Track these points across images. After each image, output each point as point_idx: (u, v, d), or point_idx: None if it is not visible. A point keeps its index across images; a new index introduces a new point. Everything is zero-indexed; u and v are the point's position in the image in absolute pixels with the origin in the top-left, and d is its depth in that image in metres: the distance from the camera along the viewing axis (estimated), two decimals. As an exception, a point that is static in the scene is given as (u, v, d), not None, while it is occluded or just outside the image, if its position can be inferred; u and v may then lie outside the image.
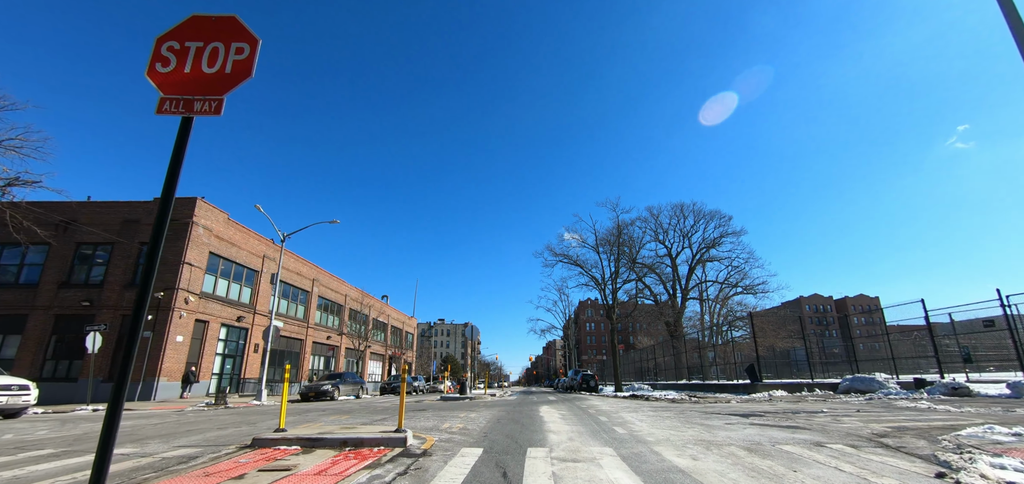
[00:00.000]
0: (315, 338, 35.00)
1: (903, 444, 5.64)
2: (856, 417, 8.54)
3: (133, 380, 20.38)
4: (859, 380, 19.35)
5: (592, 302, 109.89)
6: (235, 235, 26.18)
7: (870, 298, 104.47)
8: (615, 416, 9.71)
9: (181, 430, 8.36)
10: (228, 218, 25.56)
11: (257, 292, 27.89)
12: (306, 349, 33.35)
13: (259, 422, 9.80)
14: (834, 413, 9.51)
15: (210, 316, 23.91)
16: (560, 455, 5.07)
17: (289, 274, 31.71)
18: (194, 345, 22.98)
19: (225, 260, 25.37)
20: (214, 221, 24.38)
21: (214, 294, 24.47)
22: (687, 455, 4.93)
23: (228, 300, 25.58)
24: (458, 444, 5.97)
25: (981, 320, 17.75)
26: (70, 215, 23.01)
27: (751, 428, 7.17)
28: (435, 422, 8.75)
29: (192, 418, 11.40)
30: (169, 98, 2.88)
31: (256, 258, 27.95)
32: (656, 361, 38.69)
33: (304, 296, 33.90)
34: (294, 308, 32.61)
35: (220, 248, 24.80)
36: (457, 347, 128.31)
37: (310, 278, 34.52)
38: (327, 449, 5.63)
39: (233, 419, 10.69)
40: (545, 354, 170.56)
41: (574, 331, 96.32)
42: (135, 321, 2.46)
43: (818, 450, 5.23)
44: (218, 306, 24.60)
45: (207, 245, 23.76)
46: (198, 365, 23.01)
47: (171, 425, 9.33)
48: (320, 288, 35.94)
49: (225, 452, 5.53)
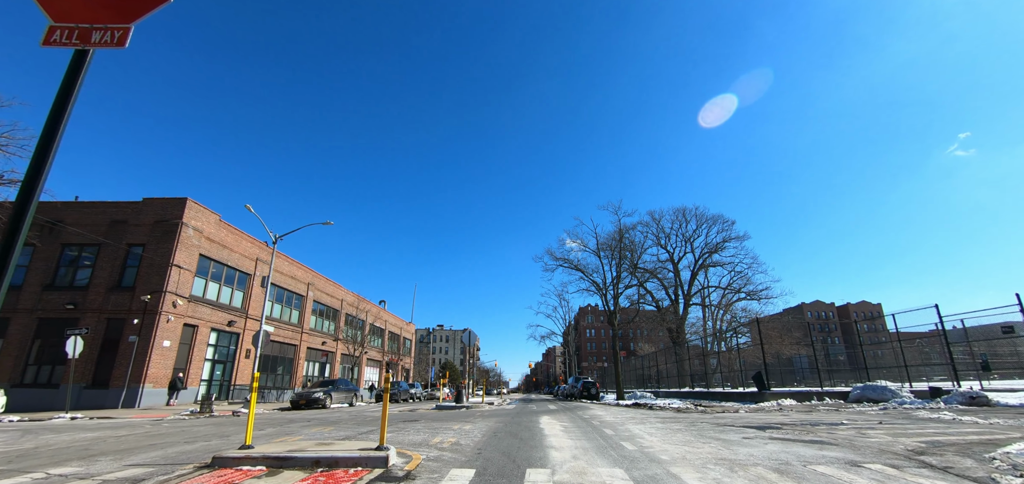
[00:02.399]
0: (310, 344, 34.21)
1: (949, 464, 4.95)
2: (881, 430, 7.84)
3: (116, 386, 19.63)
4: (871, 389, 18.65)
5: (592, 308, 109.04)
6: (227, 237, 25.51)
7: (872, 305, 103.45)
8: (621, 428, 9.00)
9: (145, 444, 7.65)
10: (220, 220, 24.91)
11: (249, 296, 27.16)
12: (300, 355, 32.55)
13: (235, 434, 9.08)
14: (855, 425, 8.82)
15: (200, 320, 23.18)
16: (564, 478, 4.38)
17: (283, 278, 31.01)
18: (182, 350, 22.23)
19: (216, 263, 24.67)
20: (205, 222, 23.72)
21: (204, 298, 23.75)
22: (710, 479, 4.24)
23: (219, 304, 24.85)
24: (448, 463, 5.27)
25: (999, 326, 17.08)
26: (56, 216, 22.36)
27: (773, 443, 6.47)
28: (426, 435, 8.03)
29: (166, 429, 10.67)
30: (60, 27, 2.23)
31: (249, 261, 27.26)
32: (658, 368, 37.89)
33: (298, 300, 33.17)
34: (288, 313, 31.86)
35: (211, 250, 24.13)
36: (456, 353, 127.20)
37: (305, 282, 33.80)
38: (296, 470, 4.93)
39: (209, 430, 9.96)
40: (545, 361, 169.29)
41: (574, 338, 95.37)
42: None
43: (856, 471, 4.55)
44: (208, 310, 23.87)
45: (197, 247, 23.08)
46: (186, 371, 22.24)
47: (137, 438, 8.61)
48: (315, 292, 35.21)
49: (178, 473, 4.83)
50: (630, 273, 33.62)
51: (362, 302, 43.68)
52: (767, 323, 37.70)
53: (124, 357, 20.02)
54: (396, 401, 30.82)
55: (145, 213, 22.46)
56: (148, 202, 22.73)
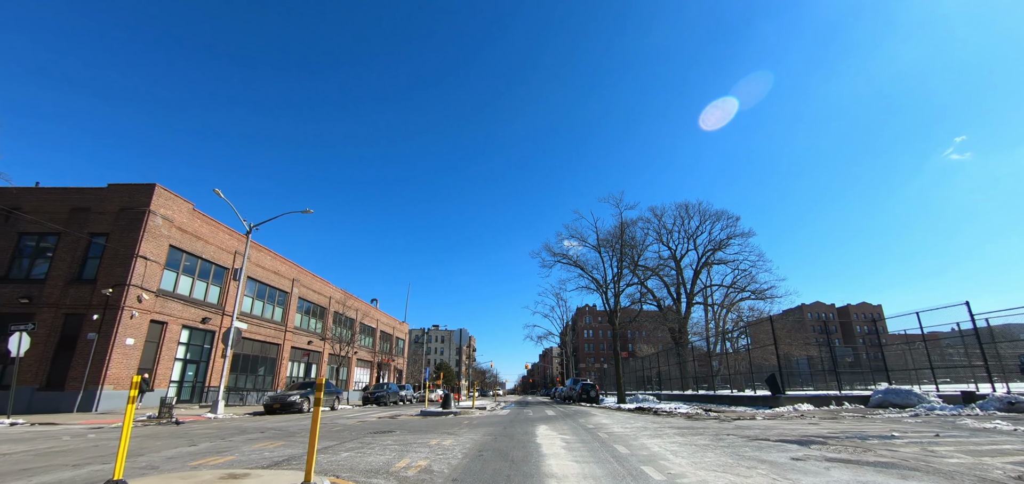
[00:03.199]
0: (294, 343, 32.48)
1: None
2: (948, 446, 6.36)
3: (73, 389, 17.89)
4: (894, 392, 17.28)
5: (590, 309, 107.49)
6: (201, 228, 23.78)
7: (872, 306, 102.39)
8: (635, 444, 7.43)
9: (39, 465, 6.02)
10: (193, 209, 23.19)
11: (226, 291, 25.44)
12: (283, 354, 30.81)
13: (169, 450, 7.47)
14: (909, 438, 7.33)
15: (169, 316, 21.46)
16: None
17: (265, 273, 29.28)
18: (149, 349, 20.50)
19: (189, 255, 22.95)
20: (176, 211, 22.01)
21: (175, 292, 22.02)
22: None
23: (192, 299, 23.12)
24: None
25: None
26: (13, 202, 20.61)
27: (837, 470, 4.92)
28: (390, 456, 6.41)
29: (92, 441, 9.02)
30: None
31: (226, 254, 25.53)
32: (660, 370, 36.37)
33: (282, 297, 31.43)
34: (271, 310, 30.13)
35: (183, 241, 22.40)
36: (451, 354, 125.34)
37: (289, 278, 32.07)
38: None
39: (136, 445, 8.31)
40: (542, 362, 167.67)
41: (572, 338, 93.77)
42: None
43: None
44: (179, 306, 22.15)
45: (167, 237, 21.36)
46: (153, 372, 20.52)
47: (30, 457, 6.98)
48: (301, 289, 33.48)
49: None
50: (631, 270, 32.08)
51: (351, 299, 41.95)
52: (774, 324, 36.20)
53: (82, 356, 18.28)
54: (383, 404, 29.15)
55: (109, 200, 20.72)
56: (113, 188, 20.99)
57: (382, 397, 29.34)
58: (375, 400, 29.21)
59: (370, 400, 29.51)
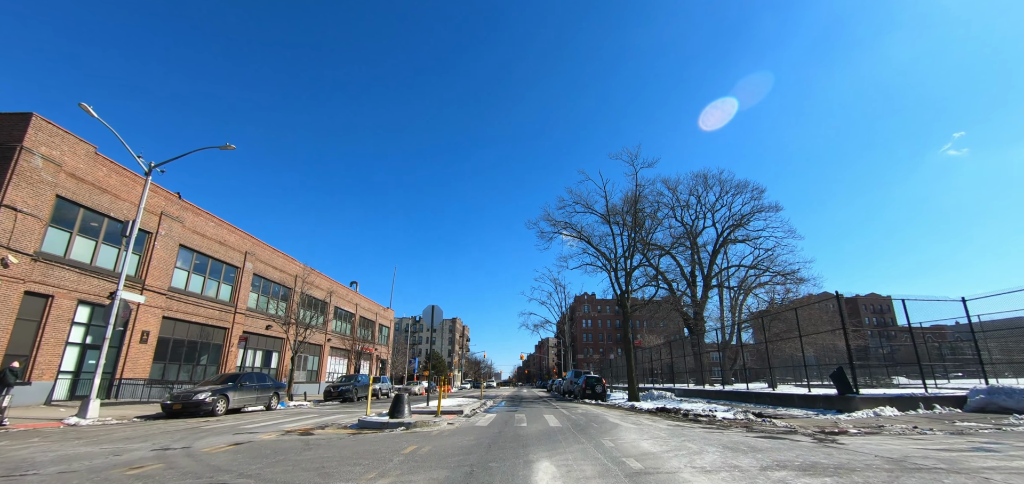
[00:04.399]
0: (249, 327, 27.69)
1: None
2: None
3: None
4: (999, 392, 12.94)
5: (589, 297, 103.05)
6: (108, 179, 18.83)
7: (882, 297, 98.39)
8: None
9: None
10: (95, 152, 18.22)
11: (148, 260, 20.57)
12: (231, 340, 26.00)
13: None
14: None
15: (56, 288, 16.61)
16: None
17: (206, 241, 24.38)
18: (23, 329, 15.68)
19: (90, 211, 18.04)
20: (67, 153, 17.05)
21: (67, 258, 17.15)
22: None
23: (95, 269, 18.26)
24: None
25: None
26: None
27: None
28: None
29: None
30: None
31: (149, 215, 20.62)
32: (673, 361, 31.90)
33: (231, 273, 26.57)
34: (214, 287, 25.28)
35: (79, 193, 17.48)
36: (444, 344, 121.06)
37: (240, 250, 27.18)
38: None
39: None
40: (538, 352, 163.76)
41: (570, 328, 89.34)
42: None
43: None
44: (74, 275, 17.29)
45: (53, 185, 16.43)
46: (31, 358, 15.74)
47: None
48: (256, 264, 28.60)
49: None
50: (642, 253, 27.37)
51: (321, 279, 37.11)
52: (797, 310, 31.66)
53: (-85, 337, 13.46)
54: (349, 400, 24.52)
55: (-32, 133, 15.75)
56: (-24, 119, 16.01)
57: (347, 392, 24.70)
58: (339, 396, 24.57)
59: (333, 395, 24.86)
